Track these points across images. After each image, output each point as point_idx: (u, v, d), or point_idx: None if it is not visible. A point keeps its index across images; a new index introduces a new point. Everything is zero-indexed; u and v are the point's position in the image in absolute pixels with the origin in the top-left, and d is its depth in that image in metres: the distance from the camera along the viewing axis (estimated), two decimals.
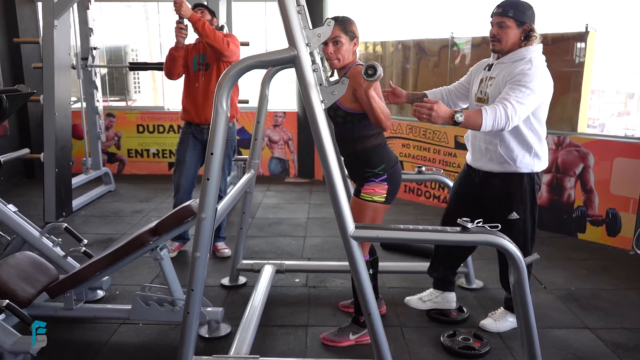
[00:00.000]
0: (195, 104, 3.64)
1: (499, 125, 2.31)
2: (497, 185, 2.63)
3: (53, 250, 3.06)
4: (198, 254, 2.06)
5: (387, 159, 2.52)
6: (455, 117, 2.25)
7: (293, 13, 1.89)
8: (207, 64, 3.60)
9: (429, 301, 2.97)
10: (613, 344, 2.65)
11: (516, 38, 2.50)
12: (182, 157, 3.71)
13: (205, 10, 3.65)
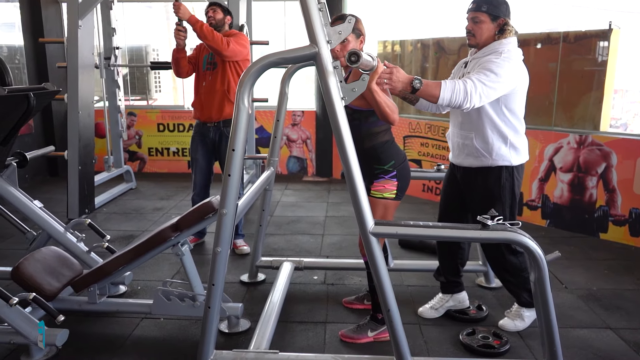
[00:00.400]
0: (200, 102, 3.71)
1: (457, 100, 2.29)
2: (477, 182, 2.64)
3: (77, 245, 3.13)
4: (219, 249, 2.08)
5: (396, 155, 2.54)
6: (413, 83, 2.25)
7: (314, 10, 1.91)
8: (214, 63, 3.66)
9: (441, 307, 2.93)
10: (636, 344, 2.61)
11: (490, 32, 2.51)
12: (194, 155, 3.83)
13: (218, 8, 3.71)
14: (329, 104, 1.95)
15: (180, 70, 3.71)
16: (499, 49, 2.46)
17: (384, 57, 6.02)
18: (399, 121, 5.50)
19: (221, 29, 3.71)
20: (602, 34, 4.14)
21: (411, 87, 2.26)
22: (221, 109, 3.68)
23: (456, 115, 2.70)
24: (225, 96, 3.66)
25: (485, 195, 2.61)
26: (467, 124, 2.61)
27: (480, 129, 2.55)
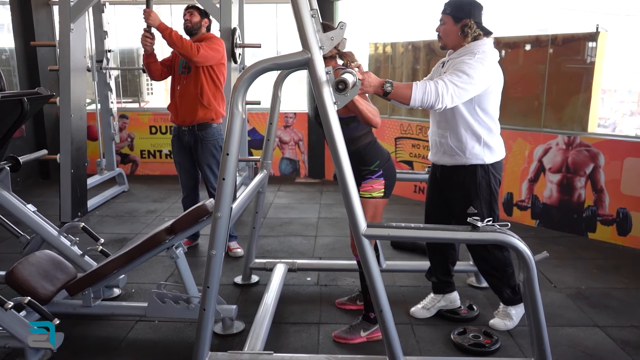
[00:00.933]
0: (175, 106, 3.74)
1: (429, 101, 2.33)
2: (455, 180, 2.69)
3: (71, 249, 3.14)
4: (214, 251, 2.12)
5: (380, 155, 2.62)
6: (384, 87, 2.30)
7: (307, 17, 1.94)
8: (189, 67, 3.67)
9: (432, 308, 2.96)
10: (623, 342, 2.67)
11: (454, 33, 2.57)
12: (177, 159, 3.89)
13: (195, 11, 3.74)
14: (322, 108, 1.98)
15: (152, 74, 3.76)
16: (473, 50, 2.51)
17: (375, 58, 6.07)
18: (391, 123, 5.54)
19: (197, 32, 3.73)
20: (590, 37, 4.21)
21: (382, 90, 2.31)
22: (194, 113, 3.67)
23: (434, 115, 2.74)
24: (198, 100, 3.65)
25: (463, 193, 2.67)
26: (443, 123, 2.67)
27: (455, 128, 2.61)
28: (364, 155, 2.58)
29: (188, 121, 3.70)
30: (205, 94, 3.66)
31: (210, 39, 3.68)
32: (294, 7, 1.93)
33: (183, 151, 3.83)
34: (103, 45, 5.54)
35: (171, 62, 3.78)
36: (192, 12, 3.73)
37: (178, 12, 6.93)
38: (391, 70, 5.85)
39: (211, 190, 3.81)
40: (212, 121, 3.73)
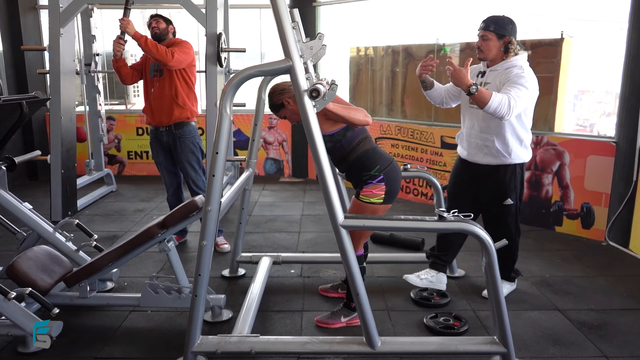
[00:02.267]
0: (151, 108, 3.92)
1: (501, 111, 2.72)
2: (494, 176, 3.05)
3: (66, 244, 3.30)
4: (205, 242, 2.31)
5: (381, 159, 2.69)
6: (470, 88, 2.71)
7: (288, 29, 2.15)
8: (161, 70, 3.88)
9: (425, 279, 3.27)
10: (579, 323, 2.93)
11: (497, 49, 2.94)
12: (157, 159, 4.08)
13: (160, 19, 3.96)
14: (303, 111, 2.19)
15: (123, 78, 3.94)
16: (517, 64, 2.88)
17: (356, 61, 6.29)
18: (371, 124, 5.75)
19: (165, 37, 3.94)
20: (555, 42, 4.48)
21: (468, 90, 2.72)
22: (170, 113, 3.87)
23: (476, 120, 3.06)
24: (174, 101, 3.86)
25: (502, 188, 3.05)
26: (489, 129, 3.00)
27: (502, 133, 2.96)
28: (364, 161, 2.67)
29: (165, 121, 3.89)
30: (179, 94, 3.88)
31: (180, 43, 3.90)
32: (277, 20, 2.14)
33: (163, 151, 4.01)
34: (91, 49, 5.69)
35: (141, 66, 3.98)
36: (157, 19, 3.96)
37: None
38: (371, 72, 6.08)
39: (192, 186, 4.00)
40: (187, 120, 3.95)
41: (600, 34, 5.30)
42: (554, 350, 2.66)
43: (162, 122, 3.89)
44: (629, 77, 3.95)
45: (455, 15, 5.79)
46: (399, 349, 2.48)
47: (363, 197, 2.67)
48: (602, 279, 3.54)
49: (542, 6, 5.56)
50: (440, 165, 5.29)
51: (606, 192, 4.22)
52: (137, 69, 3.96)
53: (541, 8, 5.75)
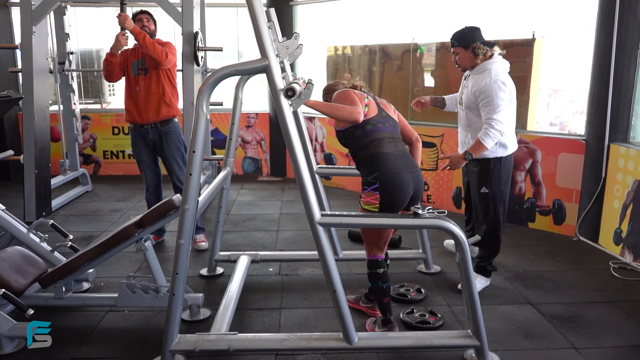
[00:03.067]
0: (137, 105, 3.92)
1: (498, 138, 3.08)
2: (472, 168, 3.31)
3: (40, 245, 3.25)
4: (182, 241, 2.31)
5: (383, 167, 2.55)
6: (466, 157, 3.12)
7: (264, 28, 2.17)
8: (146, 68, 3.90)
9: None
10: (550, 316, 3.01)
11: (468, 57, 3.23)
12: (140, 157, 4.05)
13: (151, 19, 3.99)
14: (279, 110, 2.22)
15: (112, 75, 3.92)
16: (487, 68, 3.14)
17: (333, 60, 6.32)
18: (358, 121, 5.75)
19: (153, 37, 3.98)
20: (527, 43, 4.58)
21: (465, 160, 3.14)
22: (158, 111, 3.90)
23: (461, 119, 3.44)
24: (162, 99, 3.90)
25: (478, 178, 3.28)
26: (467, 127, 3.34)
27: (477, 131, 3.18)
28: (366, 164, 2.61)
29: (152, 119, 3.90)
30: (166, 93, 3.92)
31: (167, 44, 3.94)
32: (253, 19, 2.15)
33: (147, 149, 4.00)
34: (65, 47, 5.60)
35: (123, 64, 3.95)
36: (148, 18, 3.97)
37: None
38: (348, 72, 6.12)
39: (177, 183, 4.01)
40: (173, 117, 3.99)
41: (571, 34, 5.44)
42: (525, 342, 2.73)
43: (149, 119, 3.90)
44: (598, 77, 4.07)
45: (431, 15, 5.86)
46: (375, 344, 2.53)
47: (361, 202, 2.62)
48: (572, 273, 3.64)
49: (515, 6, 5.68)
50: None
51: (576, 188, 4.34)
52: (120, 67, 3.95)
53: (514, 8, 5.86)
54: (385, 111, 2.76)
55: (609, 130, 4.04)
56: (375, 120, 2.66)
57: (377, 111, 2.69)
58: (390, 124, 2.71)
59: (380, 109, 2.73)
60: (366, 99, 2.69)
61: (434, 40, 5.34)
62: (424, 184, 2.70)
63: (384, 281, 2.70)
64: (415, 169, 2.65)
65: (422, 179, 2.68)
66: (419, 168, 2.71)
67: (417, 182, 2.63)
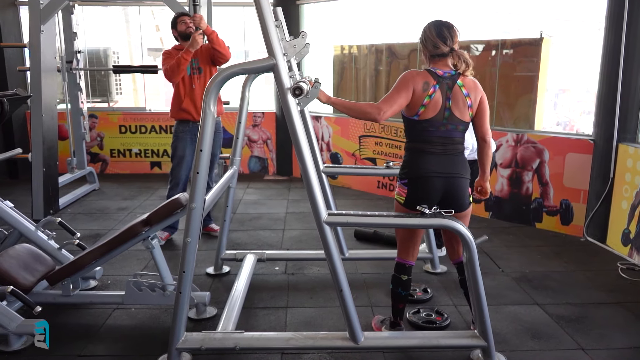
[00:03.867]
0: (195, 103, 4.00)
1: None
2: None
3: (48, 242, 3.28)
4: (189, 239, 2.32)
5: (413, 167, 2.48)
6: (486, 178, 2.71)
7: (271, 27, 2.17)
8: (199, 68, 4.01)
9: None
10: (558, 317, 2.99)
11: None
12: (184, 153, 4.09)
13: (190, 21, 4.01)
14: (286, 109, 2.22)
15: (179, 75, 3.91)
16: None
17: (339, 60, 6.32)
18: (355, 122, 5.76)
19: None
20: (535, 42, 4.56)
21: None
22: None
23: None
24: None
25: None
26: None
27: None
28: (405, 156, 2.55)
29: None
30: None
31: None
32: (260, 18, 2.15)
33: (192, 146, 4.06)
34: (72, 46, 5.63)
35: None
36: (190, 20, 4.00)
37: (145, 11, 7.07)
38: (355, 71, 6.12)
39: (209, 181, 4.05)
40: (219, 115, 4.14)
41: (579, 34, 5.41)
42: (532, 343, 2.72)
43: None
44: (606, 77, 4.04)
45: (438, 14, 5.84)
46: (381, 343, 2.52)
47: (396, 189, 2.58)
48: (580, 274, 3.62)
49: (522, 6, 5.65)
50: None
51: (584, 189, 4.31)
52: None
53: (521, 8, 5.84)
54: (451, 110, 2.42)
55: (617, 131, 4.01)
56: (428, 123, 2.42)
57: (436, 112, 2.40)
58: (448, 128, 2.43)
59: (445, 109, 2.41)
60: (428, 97, 2.39)
61: None
62: (463, 190, 2.48)
63: (404, 289, 2.64)
64: (451, 175, 2.45)
65: (459, 186, 2.47)
66: (458, 174, 2.47)
67: (449, 188, 2.45)
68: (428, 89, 2.39)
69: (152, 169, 6.79)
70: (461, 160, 2.51)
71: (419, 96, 2.39)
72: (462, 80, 2.44)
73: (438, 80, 2.41)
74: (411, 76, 2.42)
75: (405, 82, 2.41)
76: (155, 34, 8.46)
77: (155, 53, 9.64)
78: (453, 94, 2.42)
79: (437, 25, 2.48)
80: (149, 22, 7.98)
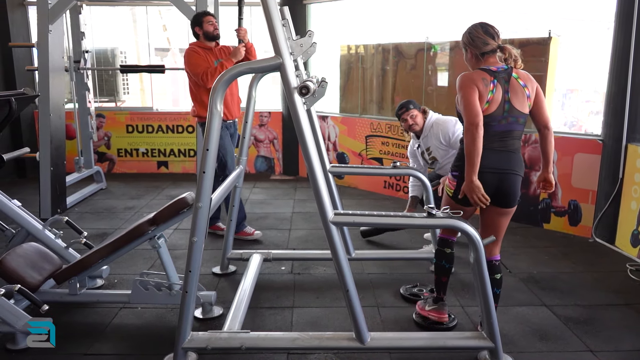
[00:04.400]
0: (226, 103, 4.04)
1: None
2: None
3: (55, 241, 3.29)
4: (195, 238, 2.31)
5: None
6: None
7: (278, 26, 2.16)
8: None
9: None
10: (566, 318, 2.97)
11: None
12: (231, 149, 4.24)
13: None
14: (293, 108, 2.21)
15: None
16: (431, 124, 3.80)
17: (346, 59, 6.30)
18: (362, 122, 5.76)
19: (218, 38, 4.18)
20: (543, 42, 4.53)
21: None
22: (239, 108, 4.29)
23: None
24: (239, 98, 4.32)
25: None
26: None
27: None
28: (458, 152, 2.66)
29: (236, 115, 4.26)
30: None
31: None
32: (267, 17, 2.15)
33: (231, 140, 4.22)
34: (80, 46, 5.65)
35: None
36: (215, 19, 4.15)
37: (153, 11, 7.09)
38: (361, 70, 6.10)
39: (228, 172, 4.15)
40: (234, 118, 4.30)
41: (587, 33, 5.37)
42: (540, 345, 2.70)
43: (234, 115, 4.22)
44: (615, 76, 4.00)
45: (445, 13, 5.82)
46: (388, 344, 2.51)
47: (447, 180, 2.70)
48: (588, 275, 3.59)
49: (530, 5, 5.62)
50: None
51: (593, 189, 4.28)
52: None
53: (529, 7, 5.80)
54: (511, 103, 2.47)
55: (626, 131, 3.97)
56: (490, 118, 2.47)
57: (497, 106, 2.46)
58: (509, 121, 2.49)
59: (505, 102, 2.47)
60: (490, 93, 2.44)
61: (448, 39, 5.30)
62: (515, 187, 2.56)
63: (448, 262, 2.81)
64: (505, 171, 2.51)
65: (512, 182, 2.53)
66: (512, 170, 2.52)
67: (502, 184, 2.51)
68: (488, 84, 2.45)
69: (159, 169, 6.81)
70: (518, 158, 2.57)
71: (482, 93, 2.45)
72: (516, 73, 2.53)
73: (494, 76, 2.47)
74: (469, 78, 2.48)
75: (467, 84, 2.46)
76: (162, 34, 8.50)
77: (163, 53, 9.68)
78: (511, 86, 2.49)
79: (482, 24, 2.59)
80: (156, 22, 8.02)
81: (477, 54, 2.56)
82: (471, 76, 2.48)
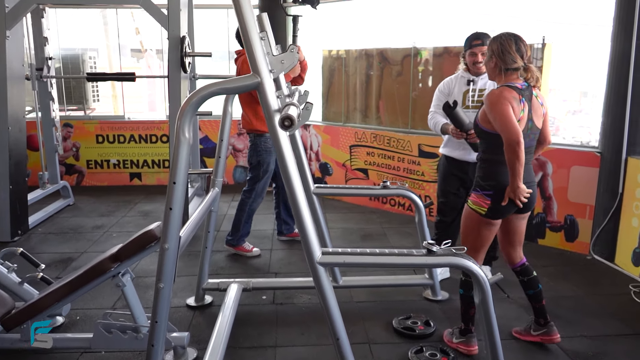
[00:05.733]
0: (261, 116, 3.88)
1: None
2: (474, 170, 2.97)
3: (8, 277, 2.93)
4: (162, 285, 2.00)
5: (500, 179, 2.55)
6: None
7: (256, 40, 1.86)
8: None
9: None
10: (573, 353, 2.73)
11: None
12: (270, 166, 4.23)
13: None
14: (273, 132, 1.90)
15: None
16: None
17: (328, 65, 6.01)
18: (345, 131, 5.50)
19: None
20: (537, 48, 4.30)
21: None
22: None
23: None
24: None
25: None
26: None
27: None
28: (485, 168, 2.61)
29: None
30: None
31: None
32: (243, 31, 1.85)
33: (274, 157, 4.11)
34: (43, 52, 5.25)
35: None
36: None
37: (125, 13, 6.73)
38: (345, 76, 5.82)
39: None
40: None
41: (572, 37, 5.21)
42: None
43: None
44: (614, 84, 3.80)
45: (432, 19, 5.60)
46: None
47: (469, 200, 2.65)
48: (591, 300, 3.36)
49: (519, 9, 5.44)
50: (418, 174, 5.07)
51: (590, 204, 4.07)
52: None
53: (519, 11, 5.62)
54: (533, 121, 2.53)
55: (626, 143, 3.77)
56: None
57: (524, 124, 2.48)
58: (530, 138, 2.55)
59: (529, 120, 2.51)
60: (522, 112, 2.46)
61: (434, 45, 5.05)
62: (535, 194, 2.69)
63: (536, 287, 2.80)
64: (530, 183, 2.60)
65: (535, 191, 2.65)
66: (534, 181, 2.65)
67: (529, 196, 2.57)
68: (519, 103, 2.45)
69: (131, 181, 6.43)
70: (531, 169, 2.67)
71: (515, 112, 2.43)
72: (535, 91, 2.55)
73: (521, 94, 2.47)
74: (503, 96, 2.45)
75: (502, 102, 2.43)
76: (135, 37, 8.12)
77: (139, 54, 9.26)
78: (532, 105, 2.52)
79: (515, 38, 2.51)
80: (128, 25, 7.63)
81: (501, 68, 2.53)
82: (505, 94, 2.45)
